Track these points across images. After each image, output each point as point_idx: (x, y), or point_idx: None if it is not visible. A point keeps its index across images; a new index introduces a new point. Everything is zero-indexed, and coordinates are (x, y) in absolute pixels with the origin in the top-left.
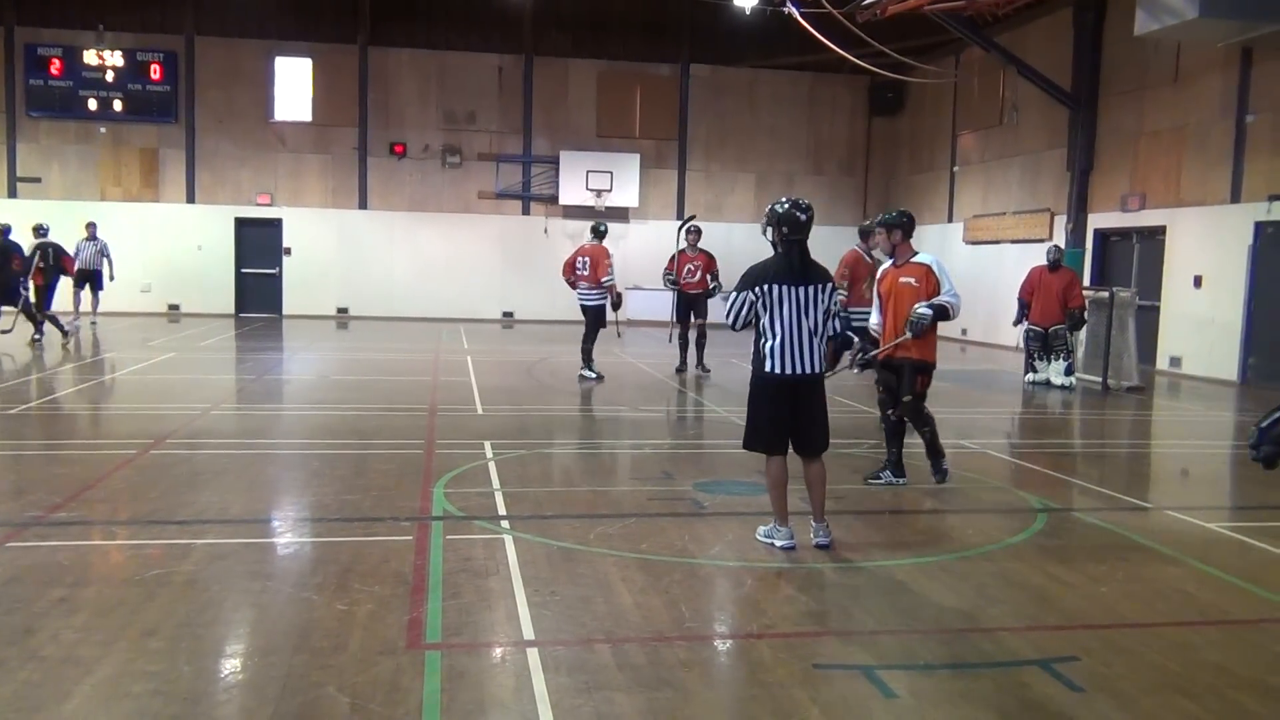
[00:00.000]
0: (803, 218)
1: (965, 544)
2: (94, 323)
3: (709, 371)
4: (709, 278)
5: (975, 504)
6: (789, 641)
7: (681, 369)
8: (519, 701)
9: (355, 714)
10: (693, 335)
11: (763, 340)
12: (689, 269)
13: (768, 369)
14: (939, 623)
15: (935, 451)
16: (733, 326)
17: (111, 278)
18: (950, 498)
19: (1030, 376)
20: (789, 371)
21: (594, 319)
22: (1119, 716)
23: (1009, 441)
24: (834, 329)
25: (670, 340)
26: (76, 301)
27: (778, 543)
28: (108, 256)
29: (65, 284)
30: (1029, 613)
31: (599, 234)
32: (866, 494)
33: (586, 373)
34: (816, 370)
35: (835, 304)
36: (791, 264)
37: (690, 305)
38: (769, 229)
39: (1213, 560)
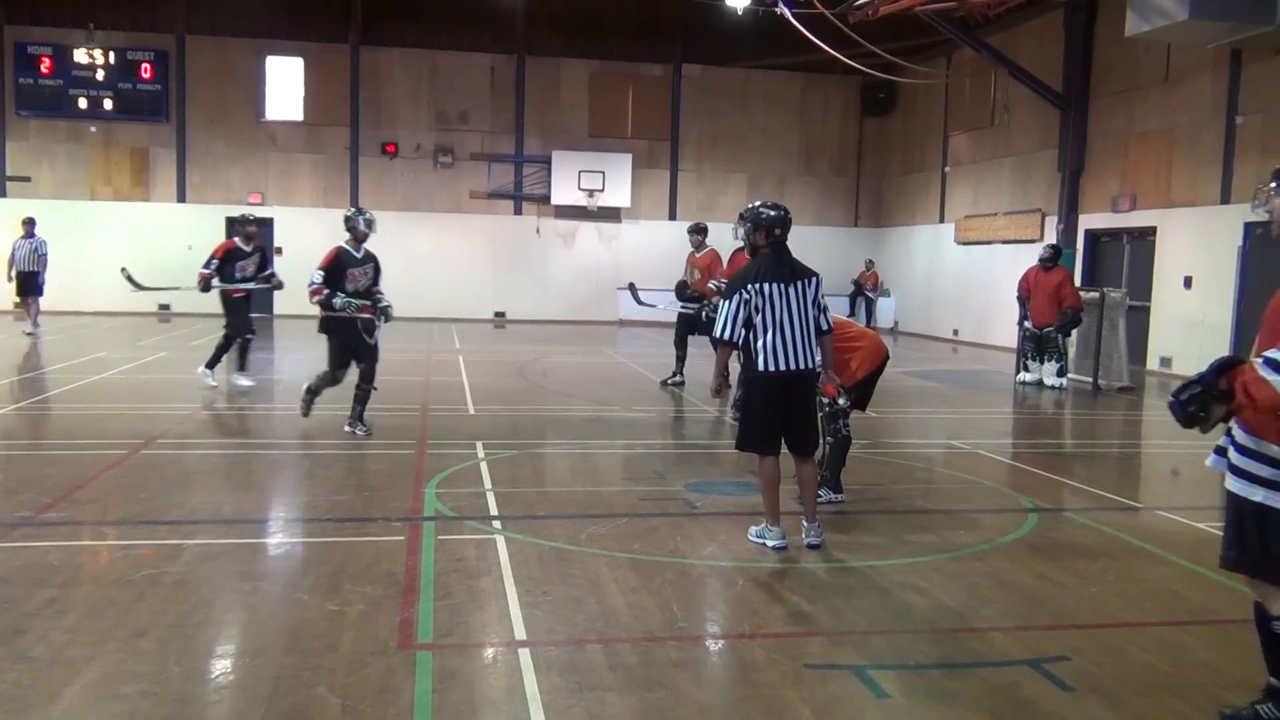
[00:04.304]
0: (789, 218)
1: (956, 544)
2: (31, 333)
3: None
4: None
5: (966, 504)
6: (780, 641)
7: (675, 379)
8: (510, 702)
9: (346, 715)
10: None
11: (754, 339)
12: None
13: (760, 367)
14: (930, 623)
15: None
16: (730, 338)
17: (38, 283)
18: (942, 498)
19: (1022, 376)
20: (782, 368)
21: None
22: (1109, 716)
23: (1000, 441)
24: (825, 323)
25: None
26: (25, 308)
27: (770, 543)
28: (43, 256)
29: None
30: (1020, 612)
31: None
32: (858, 494)
33: None
34: (809, 366)
35: (823, 297)
36: (781, 262)
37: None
38: (756, 233)
39: (1203, 560)
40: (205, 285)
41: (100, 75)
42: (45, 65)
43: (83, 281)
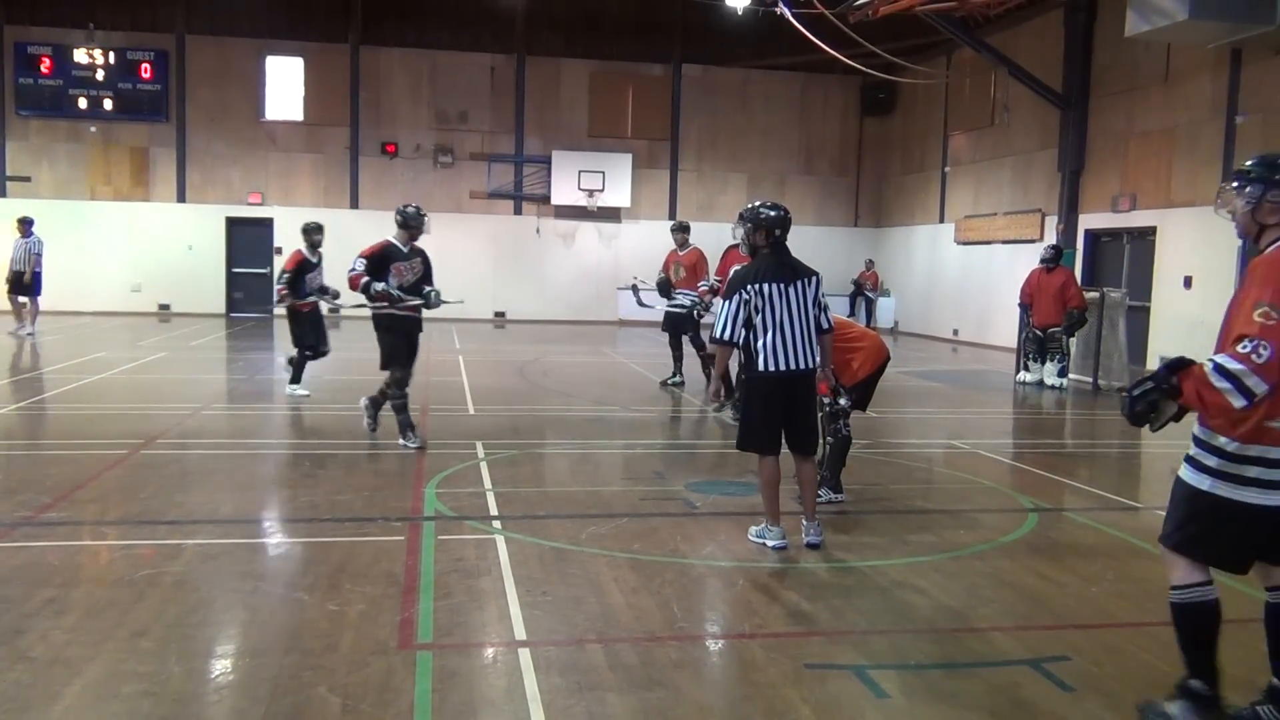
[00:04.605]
0: (789, 218)
1: (956, 544)
2: (30, 334)
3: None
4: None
5: (966, 504)
6: (780, 641)
7: (674, 380)
8: (510, 702)
9: (346, 715)
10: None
11: (754, 339)
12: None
13: (760, 366)
14: (930, 623)
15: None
16: (729, 339)
17: (31, 282)
18: (942, 498)
19: (1021, 376)
20: (782, 368)
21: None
22: (1109, 716)
23: (1000, 441)
24: (825, 323)
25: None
26: (17, 308)
27: (769, 543)
28: (37, 255)
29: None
30: (1020, 612)
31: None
32: (858, 494)
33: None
34: (809, 365)
35: (824, 296)
36: (781, 262)
37: None
38: (756, 233)
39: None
40: (286, 301)
41: (100, 75)
42: (45, 65)
43: (83, 281)
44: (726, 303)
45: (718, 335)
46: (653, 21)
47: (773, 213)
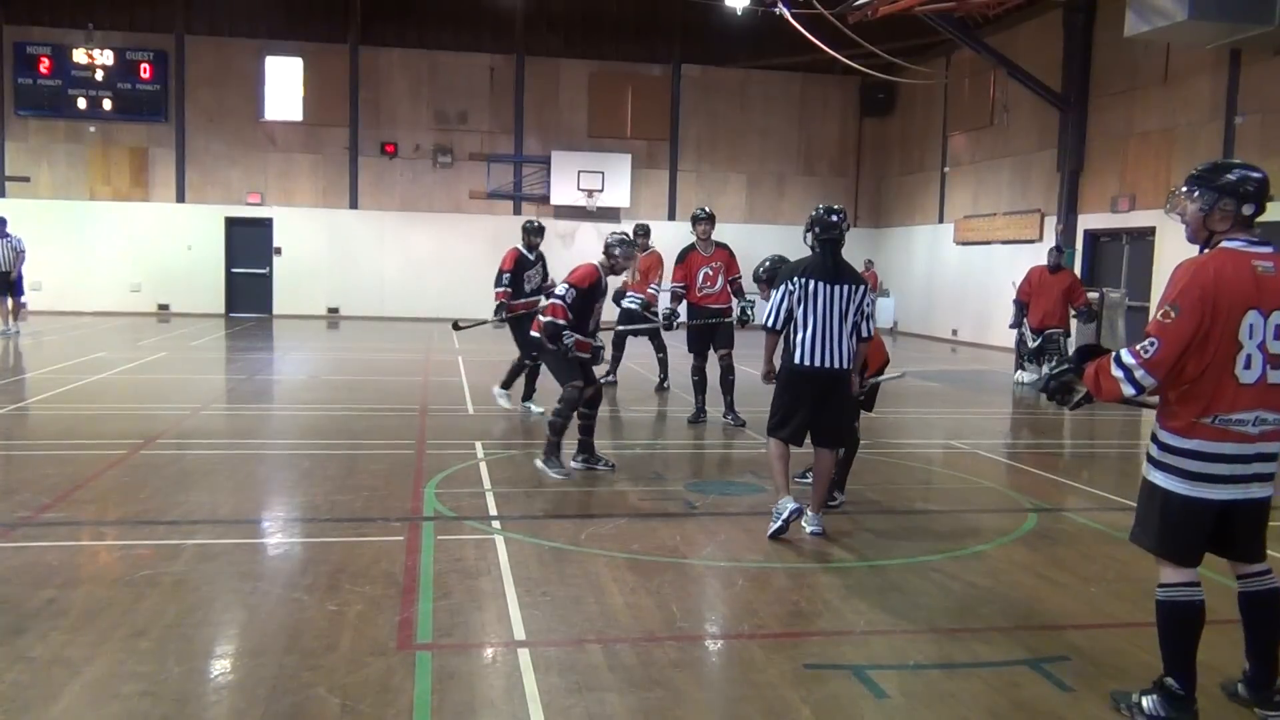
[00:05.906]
0: (833, 219)
1: (956, 544)
2: (16, 333)
3: (743, 422)
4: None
5: (966, 504)
6: (780, 642)
7: (698, 418)
8: (510, 702)
9: (346, 715)
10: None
11: (794, 333)
12: (704, 274)
13: (798, 361)
14: (929, 623)
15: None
16: (774, 326)
17: (14, 280)
18: (941, 498)
19: (1019, 376)
20: (819, 365)
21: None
22: (1109, 716)
23: (999, 442)
24: (865, 331)
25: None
26: (1, 308)
27: (784, 512)
28: (20, 253)
29: None
30: (1019, 613)
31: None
32: (858, 494)
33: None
34: (844, 366)
35: (868, 305)
36: (825, 262)
37: (708, 331)
38: (808, 233)
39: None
40: (508, 307)
41: (99, 75)
42: (44, 65)
43: (82, 282)
44: (774, 292)
45: (765, 323)
46: (652, 21)
47: (814, 213)
